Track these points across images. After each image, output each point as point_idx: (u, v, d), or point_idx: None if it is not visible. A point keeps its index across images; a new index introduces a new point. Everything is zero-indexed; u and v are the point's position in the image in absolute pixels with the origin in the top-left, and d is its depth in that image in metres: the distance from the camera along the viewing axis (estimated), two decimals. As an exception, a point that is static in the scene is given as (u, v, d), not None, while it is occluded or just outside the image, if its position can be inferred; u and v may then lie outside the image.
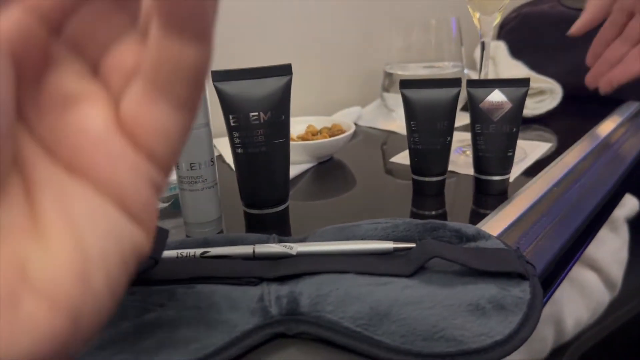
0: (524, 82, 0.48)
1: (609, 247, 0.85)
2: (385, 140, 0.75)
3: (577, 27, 0.72)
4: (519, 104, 0.48)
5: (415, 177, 0.52)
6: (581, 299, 0.81)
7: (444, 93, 0.48)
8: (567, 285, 0.78)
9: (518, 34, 0.99)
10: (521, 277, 0.33)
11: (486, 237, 0.38)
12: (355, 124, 0.81)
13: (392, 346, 0.28)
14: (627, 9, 0.66)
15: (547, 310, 0.72)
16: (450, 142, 0.50)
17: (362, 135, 0.78)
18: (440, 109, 0.48)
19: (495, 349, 0.28)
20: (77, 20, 0.17)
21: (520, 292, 0.32)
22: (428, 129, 0.49)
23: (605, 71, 0.70)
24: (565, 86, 0.93)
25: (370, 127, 0.80)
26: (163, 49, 0.17)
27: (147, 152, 0.18)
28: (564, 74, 0.92)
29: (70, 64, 0.18)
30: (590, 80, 0.72)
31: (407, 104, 0.49)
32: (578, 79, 0.90)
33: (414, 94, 0.49)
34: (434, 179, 0.51)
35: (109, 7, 0.18)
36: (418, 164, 0.51)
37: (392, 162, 0.64)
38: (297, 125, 0.69)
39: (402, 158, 0.63)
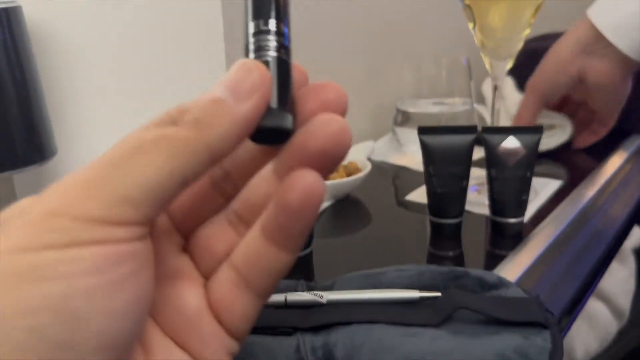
0: (538, 129, 0.50)
1: (616, 277, 0.86)
2: (397, 174, 0.77)
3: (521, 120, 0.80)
4: (533, 149, 0.50)
5: (433, 218, 0.53)
6: (590, 329, 0.82)
7: (461, 139, 0.50)
8: (578, 317, 0.80)
9: (525, 69, 1.01)
10: (542, 326, 0.35)
11: (507, 285, 0.39)
12: (369, 159, 0.83)
13: (425, 399, 0.30)
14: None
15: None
16: (466, 185, 0.52)
17: (375, 169, 0.80)
18: (457, 154, 0.50)
19: (523, 400, 0.30)
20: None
21: (542, 341, 0.33)
22: (446, 173, 0.51)
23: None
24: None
25: (382, 161, 0.82)
26: (262, 254, 0.19)
27: (231, 331, 0.20)
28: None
29: (170, 238, 0.20)
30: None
31: (426, 149, 0.51)
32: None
33: (433, 139, 0.51)
34: (451, 220, 0.53)
35: (207, 187, 0.20)
36: (436, 206, 0.53)
37: (407, 200, 0.65)
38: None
39: (417, 196, 0.65)
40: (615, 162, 0.76)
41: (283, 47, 0.21)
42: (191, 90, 0.58)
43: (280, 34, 0.21)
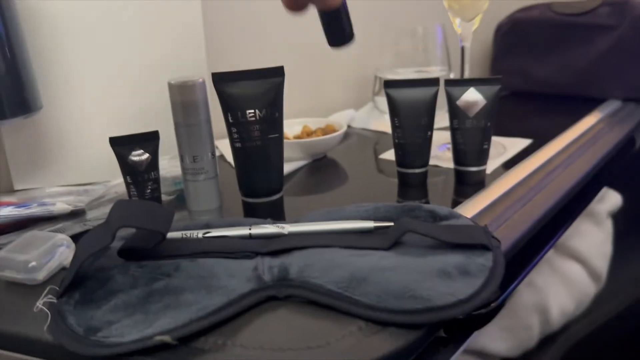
0: (497, 80, 0.53)
1: (592, 239, 0.88)
2: (377, 141, 0.80)
3: None
4: (493, 100, 0.52)
5: (400, 169, 0.56)
6: (565, 289, 0.85)
7: (424, 91, 0.53)
8: (551, 275, 0.82)
9: (511, 38, 1.04)
10: (486, 248, 0.37)
11: (457, 216, 0.42)
12: (349, 126, 0.86)
13: (368, 304, 0.33)
14: None
15: (531, 299, 0.76)
16: (430, 136, 0.54)
17: (356, 136, 0.83)
18: (420, 106, 0.53)
19: (459, 306, 0.32)
20: None
21: (484, 260, 0.36)
22: (410, 124, 0.54)
23: None
24: (553, 85, 0.98)
25: (363, 129, 0.85)
26: None
27: None
28: (553, 74, 0.98)
29: None
30: None
31: (391, 102, 0.54)
32: (566, 79, 0.96)
33: (397, 93, 0.53)
34: (417, 170, 0.55)
35: None
36: (402, 157, 0.55)
37: (381, 159, 0.68)
38: (294, 127, 0.74)
39: (391, 154, 0.68)
40: (588, 122, 0.79)
41: None
42: (175, 42, 0.60)
43: None
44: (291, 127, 0.73)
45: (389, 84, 0.54)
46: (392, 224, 0.41)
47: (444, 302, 0.32)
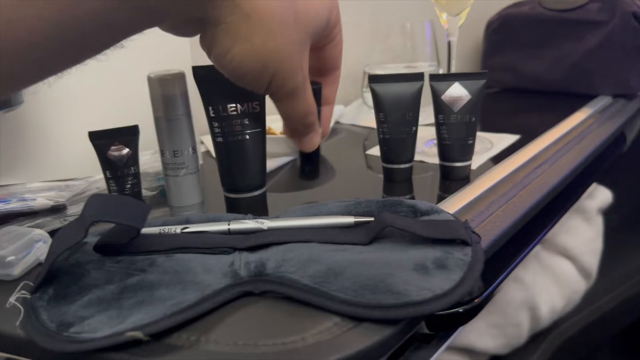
0: (482, 75, 0.52)
1: (582, 236, 0.88)
2: (366, 137, 0.80)
3: None
4: (478, 95, 0.52)
5: (385, 165, 0.56)
6: (555, 286, 0.84)
7: (409, 86, 0.52)
8: (540, 272, 0.82)
9: (500, 34, 1.04)
10: (465, 243, 0.37)
11: (438, 211, 0.42)
12: (338, 122, 0.85)
13: (344, 299, 0.32)
14: None
15: (519, 295, 0.76)
16: (415, 132, 0.54)
17: (345, 132, 0.82)
18: (405, 101, 0.53)
19: (436, 301, 0.32)
20: None
21: (463, 255, 0.36)
22: (395, 119, 0.53)
23: None
24: (543, 82, 0.97)
25: (352, 125, 0.85)
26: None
27: None
28: (543, 70, 0.98)
29: None
30: None
31: (376, 97, 0.53)
32: (556, 75, 0.95)
33: (382, 87, 0.53)
34: (402, 166, 0.55)
35: None
36: (387, 153, 0.55)
37: (369, 155, 0.68)
38: (280, 123, 0.73)
39: (378, 150, 0.68)
40: (577, 118, 0.79)
41: None
42: (158, 35, 0.59)
43: None
44: (278, 123, 0.73)
45: (373, 79, 0.53)
46: (372, 219, 0.40)
47: (420, 297, 0.32)
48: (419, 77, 0.53)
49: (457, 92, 0.52)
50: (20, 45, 0.26)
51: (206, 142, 0.72)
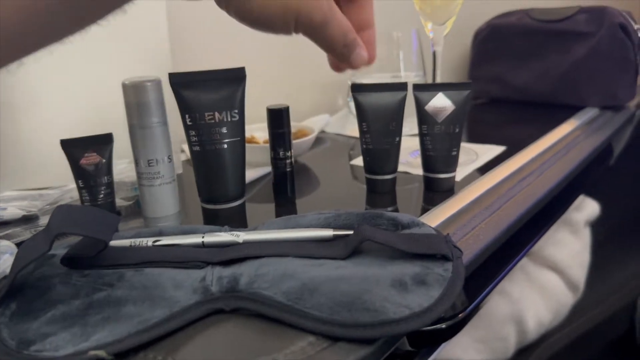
0: (467, 85, 0.51)
1: (569, 249, 0.87)
2: (352, 146, 0.78)
3: None
4: (461, 106, 0.51)
5: (368, 175, 0.54)
6: (542, 299, 0.83)
7: (392, 96, 0.51)
8: (527, 285, 0.81)
9: (489, 43, 1.04)
10: (445, 258, 0.36)
11: (419, 224, 0.41)
12: (324, 131, 0.84)
13: (318, 317, 0.31)
14: None
15: (506, 309, 0.75)
16: (399, 142, 0.53)
17: (330, 141, 0.81)
18: (388, 110, 0.52)
19: (413, 319, 0.31)
20: None
21: (443, 271, 0.35)
22: (378, 129, 0.52)
23: None
24: (531, 93, 0.97)
25: (338, 134, 0.84)
26: None
27: None
28: (531, 81, 0.97)
29: None
30: None
31: (359, 107, 0.52)
32: (543, 86, 0.95)
33: (365, 97, 0.52)
34: (385, 177, 0.54)
35: None
36: (370, 163, 0.54)
37: (354, 165, 0.67)
38: (263, 131, 0.72)
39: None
40: (564, 129, 0.78)
41: None
42: (138, 43, 0.58)
43: None
44: (263, 132, 0.72)
45: (356, 88, 0.52)
46: (351, 232, 0.39)
47: (397, 315, 0.30)
48: (402, 87, 0.52)
49: (441, 102, 0.51)
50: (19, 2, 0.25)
51: (187, 150, 0.70)
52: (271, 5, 0.35)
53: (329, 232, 0.39)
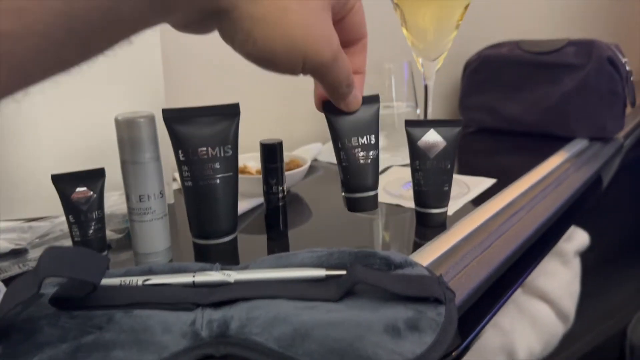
0: (457, 122, 0.52)
1: (559, 279, 0.88)
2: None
3: None
4: (453, 142, 0.51)
5: (348, 194, 0.51)
6: (533, 330, 0.83)
7: (365, 110, 0.48)
8: (518, 316, 0.81)
9: (480, 74, 1.05)
10: (438, 301, 0.36)
11: (412, 264, 0.41)
12: (316, 160, 0.84)
13: (310, 364, 0.30)
14: None
15: (497, 340, 0.75)
16: (377, 155, 0.50)
17: (322, 170, 0.81)
18: (362, 124, 0.49)
19: (406, 367, 0.30)
20: None
21: (436, 315, 0.34)
22: (353, 144, 0.49)
23: None
24: (520, 123, 0.98)
25: (330, 163, 0.84)
26: None
27: None
28: (521, 112, 0.98)
29: None
30: None
31: (331, 124, 0.49)
32: (533, 117, 0.96)
33: (337, 112, 0.48)
34: (367, 194, 0.50)
35: None
36: (349, 181, 0.50)
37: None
38: (256, 161, 0.72)
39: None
40: (554, 162, 0.79)
41: None
42: (132, 78, 0.58)
43: None
44: (254, 161, 0.72)
45: (328, 106, 0.48)
46: (344, 272, 0.39)
47: (390, 364, 0.30)
48: (374, 99, 0.49)
49: (432, 138, 0.51)
50: (27, 32, 0.24)
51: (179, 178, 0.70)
52: (275, 39, 0.34)
53: (321, 272, 0.39)
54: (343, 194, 0.51)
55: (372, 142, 0.50)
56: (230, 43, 0.35)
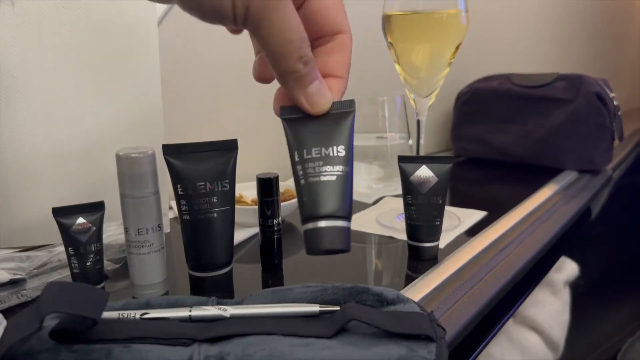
0: (449, 159, 0.53)
1: (549, 309, 0.89)
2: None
3: None
4: (444, 178, 0.53)
5: (305, 226, 0.35)
6: (523, 359, 0.84)
7: (334, 116, 0.36)
8: (508, 346, 0.82)
9: (470, 106, 1.07)
10: (429, 339, 0.37)
11: (404, 301, 0.42)
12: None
13: (304, 403, 0.31)
14: None
15: (488, 370, 0.75)
16: (348, 174, 0.36)
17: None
18: (327, 132, 0.36)
19: (398, 406, 0.31)
20: None
21: (427, 353, 0.35)
22: (315, 156, 0.36)
23: None
24: (511, 154, 1.00)
25: (324, 192, 0.85)
26: None
27: None
28: (510, 144, 1.00)
29: None
30: None
31: (287, 129, 0.38)
32: (523, 149, 0.98)
33: (296, 116, 0.37)
34: (331, 223, 0.34)
35: None
36: (305, 205, 0.35)
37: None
38: (252, 190, 0.73)
39: (358, 224, 0.68)
40: (544, 194, 0.80)
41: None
42: (132, 111, 0.60)
43: None
44: (248, 191, 0.73)
45: (285, 110, 0.37)
46: (338, 308, 0.40)
47: (382, 403, 0.31)
48: (347, 104, 0.37)
49: (424, 174, 0.53)
50: None
51: (175, 207, 0.71)
52: None
53: (315, 308, 0.40)
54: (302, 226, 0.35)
55: (340, 154, 0.36)
56: None
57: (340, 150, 0.36)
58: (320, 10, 0.34)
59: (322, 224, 0.34)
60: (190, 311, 0.40)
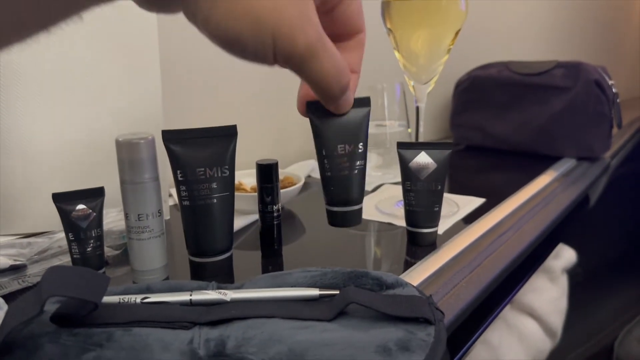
0: (448, 145, 0.53)
1: (547, 296, 0.89)
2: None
3: None
4: (443, 164, 0.53)
5: (330, 208, 0.45)
6: (521, 346, 0.85)
7: (354, 113, 0.42)
8: (506, 332, 0.82)
9: (469, 94, 1.07)
10: (428, 322, 0.37)
11: (403, 285, 0.42)
12: (310, 176, 0.86)
13: (304, 385, 0.32)
14: None
15: (486, 356, 0.76)
16: (364, 167, 0.43)
17: (316, 186, 0.83)
18: (350, 130, 0.42)
19: (397, 386, 0.32)
20: None
21: (426, 335, 0.36)
22: (338, 152, 0.42)
23: None
24: (509, 142, 1.00)
25: (323, 180, 0.85)
26: None
27: None
28: (509, 131, 1.00)
29: None
30: None
31: (316, 129, 0.42)
32: (522, 137, 0.98)
33: (323, 115, 0.41)
34: (351, 208, 0.44)
35: None
36: (332, 194, 0.44)
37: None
38: (251, 177, 0.73)
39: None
40: (542, 181, 0.80)
41: None
42: (131, 97, 0.60)
43: None
44: (248, 178, 0.73)
45: (311, 108, 0.41)
46: (337, 292, 0.40)
47: (381, 383, 0.31)
48: (364, 102, 0.43)
49: (423, 160, 0.53)
50: None
51: (175, 194, 0.71)
52: (238, 19, 0.29)
53: (314, 292, 0.40)
54: (325, 206, 0.45)
55: (360, 151, 0.43)
56: (194, 22, 0.30)
57: (360, 147, 0.43)
58: (348, 14, 0.37)
59: (346, 208, 0.45)
60: (190, 295, 0.40)
